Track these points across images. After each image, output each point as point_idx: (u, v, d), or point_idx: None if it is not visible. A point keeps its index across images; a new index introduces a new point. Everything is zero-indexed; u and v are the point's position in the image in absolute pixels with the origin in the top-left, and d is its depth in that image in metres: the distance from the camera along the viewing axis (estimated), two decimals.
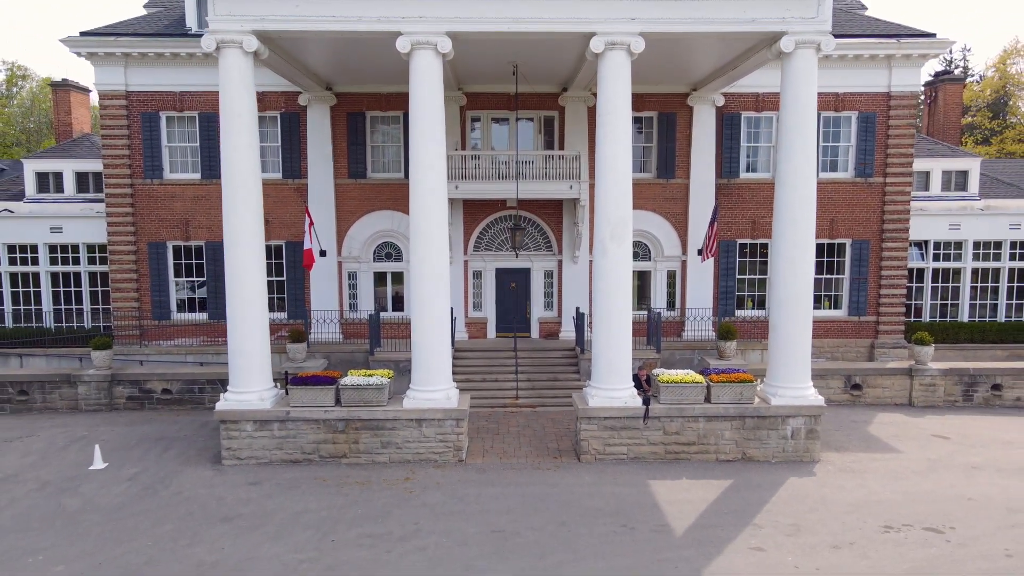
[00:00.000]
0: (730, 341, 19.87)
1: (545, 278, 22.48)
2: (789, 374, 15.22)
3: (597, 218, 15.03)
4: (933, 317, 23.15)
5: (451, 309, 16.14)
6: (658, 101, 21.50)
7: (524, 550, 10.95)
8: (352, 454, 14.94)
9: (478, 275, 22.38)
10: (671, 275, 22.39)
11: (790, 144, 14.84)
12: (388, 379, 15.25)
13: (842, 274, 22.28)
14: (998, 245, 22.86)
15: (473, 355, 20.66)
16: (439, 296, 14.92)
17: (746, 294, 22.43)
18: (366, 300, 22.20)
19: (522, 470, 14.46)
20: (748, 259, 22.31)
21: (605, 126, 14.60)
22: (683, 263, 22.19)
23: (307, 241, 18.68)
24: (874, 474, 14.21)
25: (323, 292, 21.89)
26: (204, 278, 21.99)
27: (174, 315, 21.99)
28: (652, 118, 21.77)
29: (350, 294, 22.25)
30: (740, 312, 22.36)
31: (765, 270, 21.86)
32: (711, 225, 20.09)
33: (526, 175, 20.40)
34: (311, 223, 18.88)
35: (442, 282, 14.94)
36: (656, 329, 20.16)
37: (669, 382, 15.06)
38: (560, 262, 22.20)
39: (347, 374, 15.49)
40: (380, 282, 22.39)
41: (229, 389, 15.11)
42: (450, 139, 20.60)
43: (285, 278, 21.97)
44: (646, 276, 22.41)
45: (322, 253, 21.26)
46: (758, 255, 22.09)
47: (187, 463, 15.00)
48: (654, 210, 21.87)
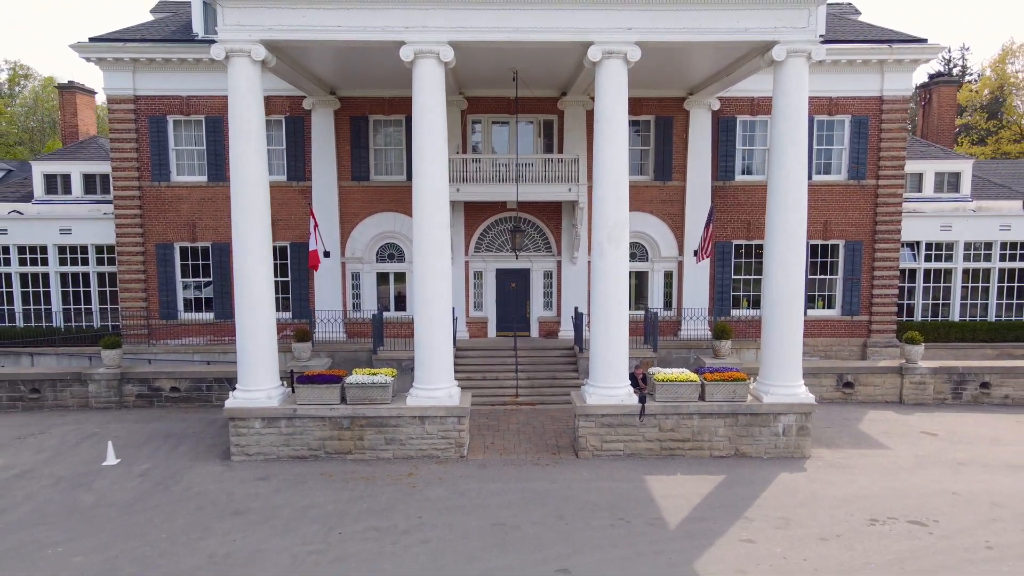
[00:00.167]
0: (725, 340, 20.29)
1: (544, 278, 22.90)
2: (781, 373, 15.66)
3: (595, 221, 15.43)
4: (925, 316, 23.57)
5: (452, 309, 16.55)
6: (655, 105, 21.90)
7: (524, 543, 11.40)
8: (357, 450, 15.39)
9: (479, 275, 22.80)
10: (668, 275, 22.81)
11: (782, 149, 15.27)
12: (392, 377, 15.68)
13: (835, 274, 22.71)
14: (988, 246, 23.27)
15: (474, 354, 21.10)
16: (441, 297, 15.34)
17: (741, 294, 22.86)
18: (369, 300, 22.63)
19: (522, 466, 14.92)
20: (744, 260, 22.74)
21: (602, 132, 15.02)
22: (680, 264, 22.61)
23: (312, 242, 19.13)
24: (863, 470, 14.66)
25: (327, 292, 22.33)
26: (210, 278, 22.43)
27: (181, 315, 22.44)
28: (649, 122, 22.18)
29: (353, 294, 22.68)
30: (735, 312, 22.79)
31: (760, 270, 22.20)
32: (706, 227, 20.51)
33: (526, 178, 20.80)
34: (316, 225, 19.31)
35: (444, 283, 15.35)
36: (653, 329, 20.58)
37: (665, 380, 15.50)
38: (559, 263, 22.62)
39: (352, 373, 15.91)
40: (383, 282, 22.82)
41: (238, 387, 15.54)
42: (451, 142, 20.99)
43: (290, 278, 22.40)
44: (643, 276, 22.83)
45: (326, 254, 21.69)
46: (753, 256, 22.50)
47: (197, 459, 15.46)
48: (651, 212, 22.30)
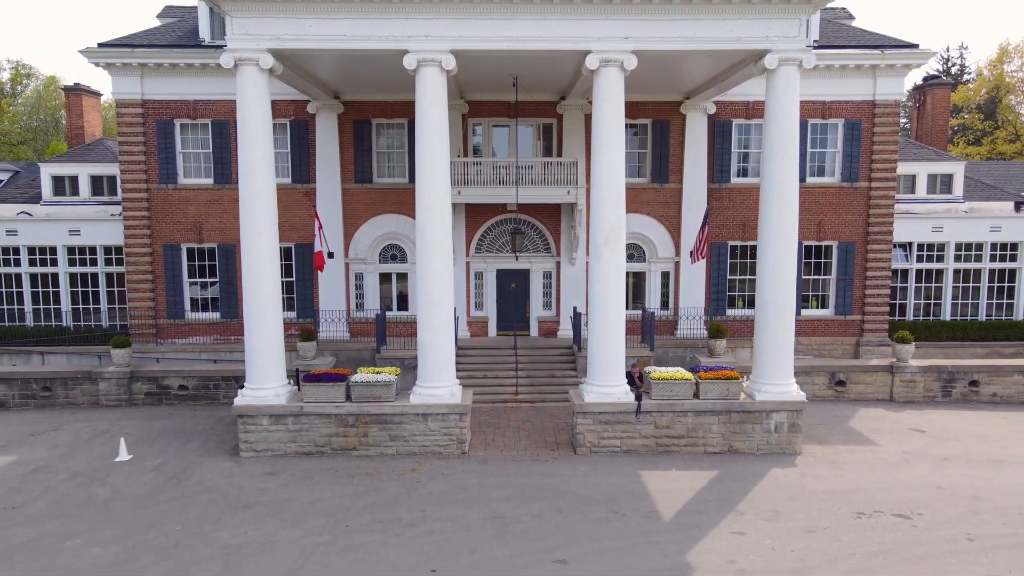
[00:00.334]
0: (720, 339, 20.76)
1: (544, 279, 23.36)
2: (774, 371, 16.13)
3: (592, 225, 15.89)
4: (916, 316, 24.04)
5: (454, 309, 16.99)
6: (653, 109, 22.36)
7: (523, 534, 11.88)
8: (362, 447, 15.87)
9: (479, 276, 23.26)
10: (665, 276, 23.28)
11: (774, 154, 15.73)
12: (395, 376, 16.15)
13: (829, 275, 23.18)
14: (979, 247, 23.72)
15: (475, 353, 21.55)
16: (443, 297, 15.80)
17: (737, 294, 23.32)
18: (372, 300, 23.09)
19: (521, 462, 15.39)
20: (739, 260, 23.19)
21: (600, 138, 15.49)
22: (676, 264, 23.07)
23: (317, 244, 19.58)
24: (852, 465, 15.14)
25: (331, 292, 22.79)
26: (216, 279, 22.90)
27: (188, 314, 22.90)
28: (647, 125, 22.63)
29: (357, 294, 23.15)
30: (731, 311, 23.25)
31: (755, 271, 22.65)
32: (702, 228, 20.94)
33: (526, 180, 21.27)
34: (320, 226, 19.76)
35: (446, 284, 15.82)
36: (650, 328, 21.04)
37: (660, 379, 15.97)
38: (558, 263, 23.08)
39: (356, 371, 16.38)
40: (385, 282, 23.29)
41: (246, 385, 16.00)
42: (452, 145, 21.37)
43: (295, 279, 22.86)
44: (641, 277, 23.30)
45: (330, 255, 22.13)
46: (748, 256, 22.93)
47: (207, 455, 15.94)
48: (648, 213, 22.76)
